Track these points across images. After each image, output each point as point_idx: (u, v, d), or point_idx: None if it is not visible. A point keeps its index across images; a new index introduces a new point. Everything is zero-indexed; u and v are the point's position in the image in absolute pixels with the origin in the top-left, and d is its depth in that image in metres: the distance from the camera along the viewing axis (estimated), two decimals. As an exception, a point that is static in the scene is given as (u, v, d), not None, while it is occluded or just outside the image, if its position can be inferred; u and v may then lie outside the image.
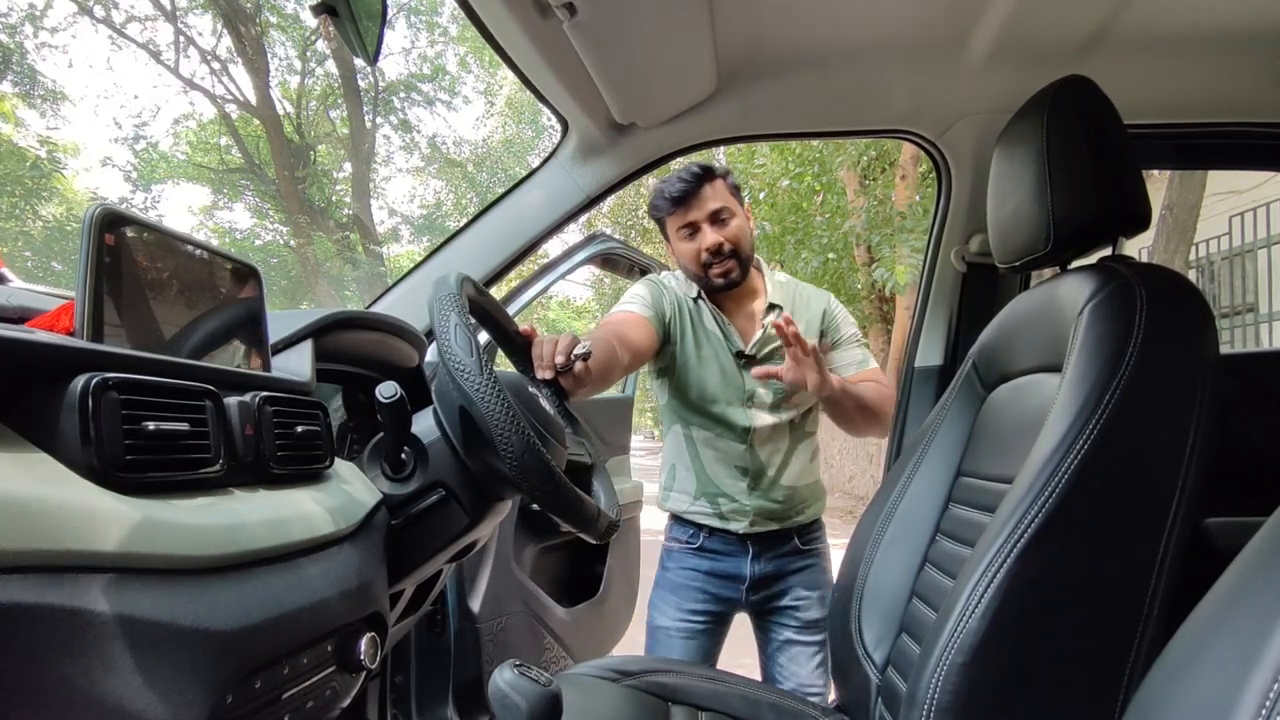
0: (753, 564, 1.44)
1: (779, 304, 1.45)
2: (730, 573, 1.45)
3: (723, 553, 1.46)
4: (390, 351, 1.06)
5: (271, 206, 14.23)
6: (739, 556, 1.45)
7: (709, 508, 1.45)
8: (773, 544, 1.45)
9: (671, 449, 1.51)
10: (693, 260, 1.41)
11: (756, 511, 1.42)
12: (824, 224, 7.52)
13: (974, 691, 0.69)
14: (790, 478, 1.44)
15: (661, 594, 1.50)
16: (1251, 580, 0.45)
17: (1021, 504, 0.71)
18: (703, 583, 1.46)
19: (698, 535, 1.47)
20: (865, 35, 1.24)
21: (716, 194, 1.39)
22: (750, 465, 1.42)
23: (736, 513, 1.43)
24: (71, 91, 16.34)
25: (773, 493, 1.43)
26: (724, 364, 1.42)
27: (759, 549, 1.44)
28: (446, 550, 0.86)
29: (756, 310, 1.47)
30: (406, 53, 16.87)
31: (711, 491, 1.44)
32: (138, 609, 0.44)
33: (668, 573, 1.51)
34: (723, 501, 1.43)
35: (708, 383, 1.43)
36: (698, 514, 1.46)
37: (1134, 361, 0.72)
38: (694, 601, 1.46)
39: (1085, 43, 1.20)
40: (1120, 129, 0.86)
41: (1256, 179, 5.46)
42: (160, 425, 0.52)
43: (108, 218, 0.55)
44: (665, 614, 1.48)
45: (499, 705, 0.63)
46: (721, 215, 1.39)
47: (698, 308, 1.47)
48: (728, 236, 1.38)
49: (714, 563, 1.46)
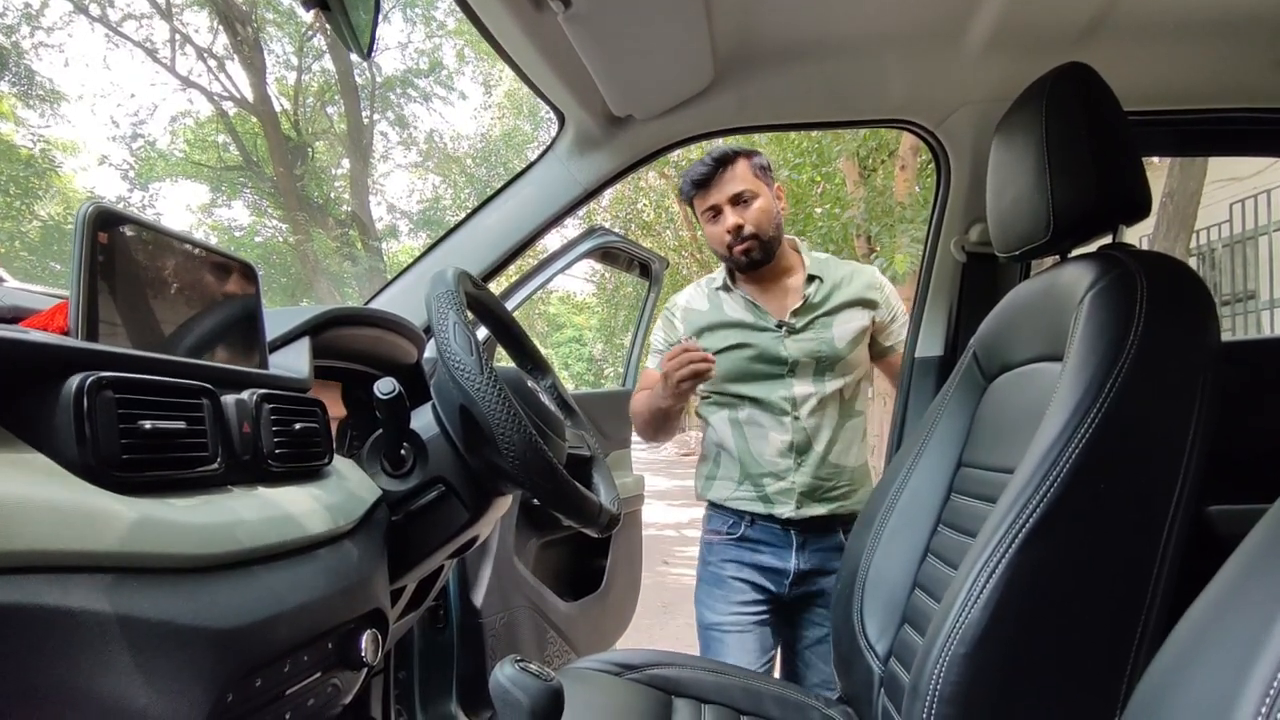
0: (797, 555, 1.43)
1: (818, 275, 1.48)
2: (773, 565, 1.44)
3: (765, 543, 1.45)
4: (388, 348, 1.06)
5: (270, 204, 14.19)
6: (782, 548, 1.44)
7: (753, 491, 1.44)
8: (818, 534, 1.44)
9: (715, 437, 1.51)
10: (718, 241, 1.46)
11: (803, 490, 1.41)
12: (824, 214, 7.51)
13: (976, 682, 0.69)
14: (838, 455, 1.43)
15: (706, 589, 1.50)
16: (1255, 567, 0.45)
17: (1023, 494, 0.71)
18: (748, 574, 1.45)
19: (739, 524, 1.47)
20: (862, 24, 1.23)
21: (737, 177, 1.43)
22: (797, 439, 1.42)
23: (783, 494, 1.42)
24: (68, 90, 16.27)
25: (821, 469, 1.42)
26: (758, 343, 1.44)
27: (803, 538, 1.43)
28: (447, 546, 0.85)
29: (794, 284, 1.50)
30: (403, 47, 16.84)
31: (757, 472, 1.44)
32: (136, 609, 0.44)
33: (709, 567, 1.50)
34: (768, 482, 1.43)
35: (743, 367, 1.45)
36: (741, 499, 1.46)
37: (1135, 350, 0.72)
38: (741, 593, 1.45)
39: (1084, 29, 1.19)
40: (1120, 116, 0.85)
41: (1257, 165, 5.44)
42: (157, 424, 0.51)
43: (100, 216, 0.54)
44: (714, 610, 1.47)
45: (500, 701, 0.63)
46: (743, 197, 1.43)
47: (718, 298, 1.51)
48: (748, 219, 1.42)
49: (757, 554, 1.45)
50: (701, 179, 1.44)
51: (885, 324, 1.51)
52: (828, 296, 1.46)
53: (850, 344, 1.44)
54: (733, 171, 1.43)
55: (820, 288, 1.47)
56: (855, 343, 1.45)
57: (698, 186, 1.45)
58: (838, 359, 1.43)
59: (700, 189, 1.45)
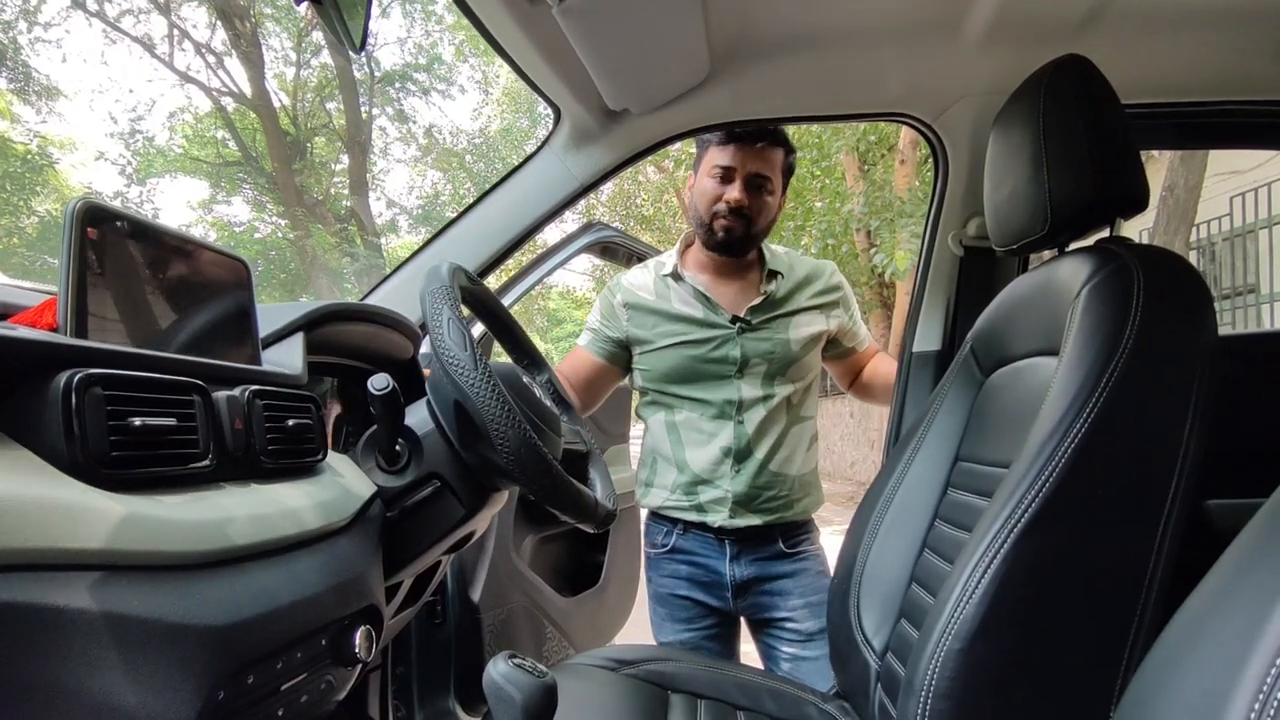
0: (732, 565, 1.37)
1: (779, 271, 1.41)
2: (711, 578, 1.38)
3: (699, 554, 1.39)
4: (383, 343, 1.05)
5: (269, 199, 14.16)
6: (716, 557, 1.38)
7: (686, 500, 1.38)
8: (753, 544, 1.37)
9: (651, 439, 1.45)
10: (707, 202, 1.36)
11: (736, 499, 1.34)
12: (823, 209, 7.50)
13: (972, 676, 0.69)
14: (779, 463, 1.36)
15: (653, 607, 1.45)
16: (1250, 561, 0.45)
17: (1018, 488, 0.71)
18: (686, 589, 1.40)
19: (671, 534, 1.41)
20: (859, 16, 1.23)
21: (771, 162, 1.35)
22: (736, 444, 1.34)
23: (715, 502, 1.35)
24: (66, 87, 16.21)
25: (758, 477, 1.34)
26: (705, 340, 1.36)
27: (737, 548, 1.37)
28: (443, 542, 0.85)
29: (752, 279, 1.42)
30: (402, 42, 16.78)
31: (691, 480, 1.37)
32: (126, 606, 0.44)
33: (652, 584, 1.46)
34: (702, 490, 1.36)
35: (687, 366, 1.37)
36: (674, 508, 1.40)
37: (1131, 343, 0.71)
38: (684, 610, 1.41)
39: (1082, 21, 1.19)
40: (1118, 109, 0.85)
41: (1257, 159, 5.43)
42: (147, 421, 0.51)
43: (89, 211, 0.54)
44: (663, 629, 1.43)
45: (494, 698, 0.63)
46: (761, 182, 1.35)
47: (667, 287, 1.42)
48: (754, 204, 1.34)
49: (692, 567, 1.39)
50: (742, 136, 1.33)
51: (848, 327, 1.46)
52: (789, 296, 1.40)
53: (805, 347, 1.38)
54: (771, 154, 1.35)
55: (781, 284, 1.40)
56: (810, 346, 1.39)
57: (732, 138, 1.33)
58: (790, 361, 1.36)
59: (733, 143, 1.34)
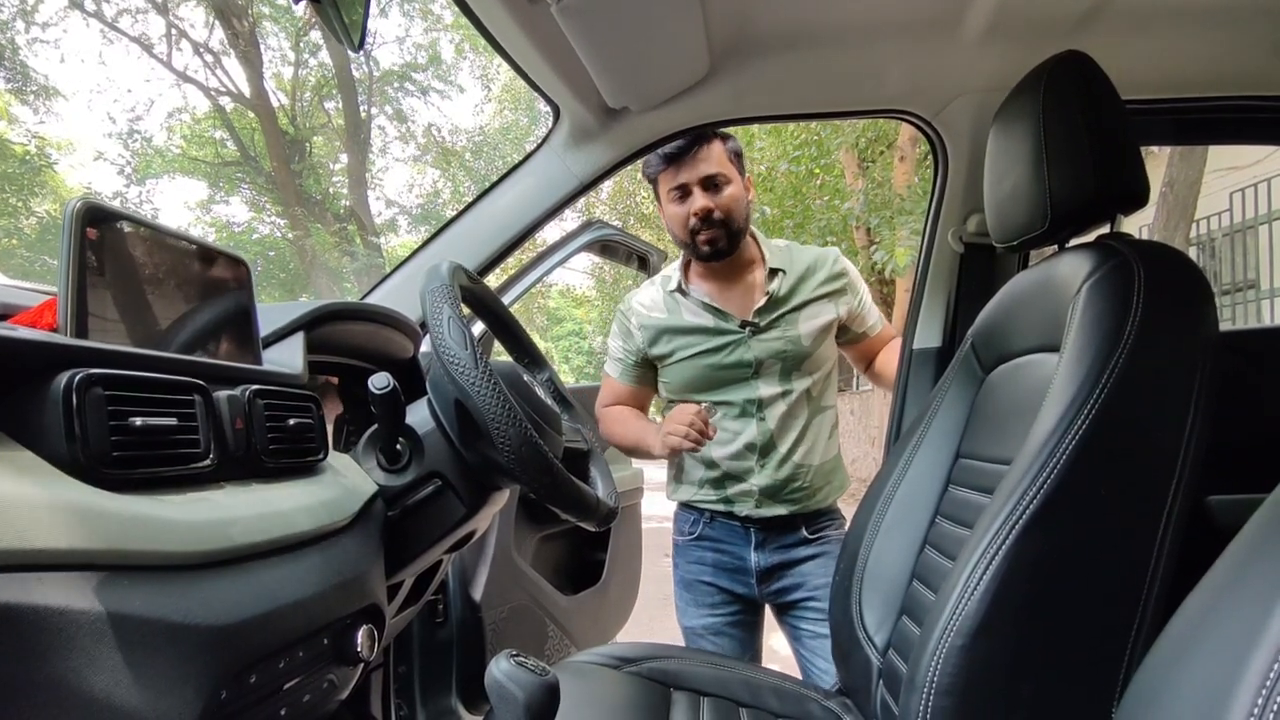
0: (756, 553, 1.40)
1: (781, 268, 1.40)
2: (736, 565, 1.42)
3: (725, 541, 1.42)
4: (383, 342, 1.05)
5: (268, 199, 14.16)
6: (742, 545, 1.41)
7: (714, 494, 1.41)
8: (778, 532, 1.40)
9: None
10: (680, 225, 1.37)
11: (763, 491, 1.37)
12: (823, 206, 7.49)
13: (974, 673, 0.69)
14: (803, 454, 1.38)
15: (679, 592, 1.48)
16: (1252, 557, 0.45)
17: (1020, 485, 0.71)
18: (712, 576, 1.43)
19: (698, 522, 1.44)
20: (859, 13, 1.22)
21: (713, 158, 1.35)
22: (760, 440, 1.36)
23: (742, 495, 1.38)
24: (64, 87, 16.22)
25: (782, 469, 1.36)
26: (719, 345, 1.38)
27: (762, 537, 1.40)
28: (444, 541, 0.85)
29: (756, 280, 1.42)
30: (401, 41, 16.76)
31: (719, 476, 1.40)
32: (127, 606, 0.44)
33: (678, 570, 1.49)
34: (730, 484, 1.39)
35: (706, 375, 1.39)
36: (702, 500, 1.43)
37: (1132, 340, 0.71)
38: (709, 596, 1.43)
39: (1082, 17, 1.18)
40: (1118, 105, 0.85)
41: (1257, 154, 5.41)
42: (148, 421, 0.51)
43: (89, 211, 0.54)
44: (686, 614, 1.46)
45: (496, 696, 0.63)
46: (715, 180, 1.34)
47: (676, 302, 1.43)
48: (719, 204, 1.34)
49: (718, 554, 1.43)
50: (674, 153, 1.34)
51: (857, 312, 1.45)
52: (793, 291, 1.40)
53: (816, 340, 1.38)
54: (708, 151, 1.34)
55: (784, 281, 1.40)
56: (822, 338, 1.39)
57: (668, 161, 1.35)
58: (804, 356, 1.37)
59: (671, 164, 1.35)
